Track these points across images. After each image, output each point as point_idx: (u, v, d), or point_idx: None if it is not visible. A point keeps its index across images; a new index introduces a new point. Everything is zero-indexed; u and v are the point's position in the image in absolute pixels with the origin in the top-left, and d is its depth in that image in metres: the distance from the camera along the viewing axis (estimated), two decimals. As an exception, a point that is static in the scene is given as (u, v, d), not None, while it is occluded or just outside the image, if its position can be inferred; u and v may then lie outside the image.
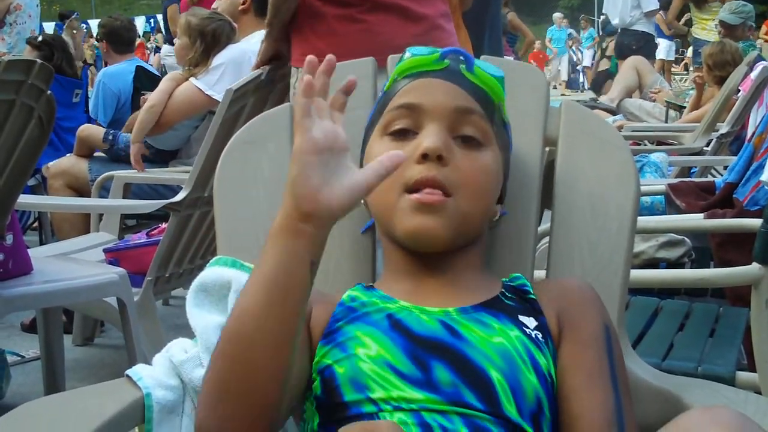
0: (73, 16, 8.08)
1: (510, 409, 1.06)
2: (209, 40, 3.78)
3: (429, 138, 1.17)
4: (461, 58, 1.25)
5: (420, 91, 1.22)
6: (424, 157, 1.16)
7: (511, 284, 1.23)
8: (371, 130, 1.28)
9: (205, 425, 1.01)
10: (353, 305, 1.18)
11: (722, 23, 6.84)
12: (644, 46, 8.15)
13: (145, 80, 4.69)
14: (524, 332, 1.13)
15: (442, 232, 1.16)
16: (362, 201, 1.27)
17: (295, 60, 2.40)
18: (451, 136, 1.19)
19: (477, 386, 1.06)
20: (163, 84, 3.87)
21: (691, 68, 10.56)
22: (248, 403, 0.99)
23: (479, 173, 1.20)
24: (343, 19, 2.28)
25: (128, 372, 1.21)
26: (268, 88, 2.80)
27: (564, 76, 22.25)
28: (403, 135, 1.21)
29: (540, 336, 1.14)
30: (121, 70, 4.79)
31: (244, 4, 3.92)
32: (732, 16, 6.47)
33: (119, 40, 4.98)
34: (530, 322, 1.16)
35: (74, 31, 8.12)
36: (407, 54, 1.28)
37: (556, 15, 23.24)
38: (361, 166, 1.27)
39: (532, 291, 1.21)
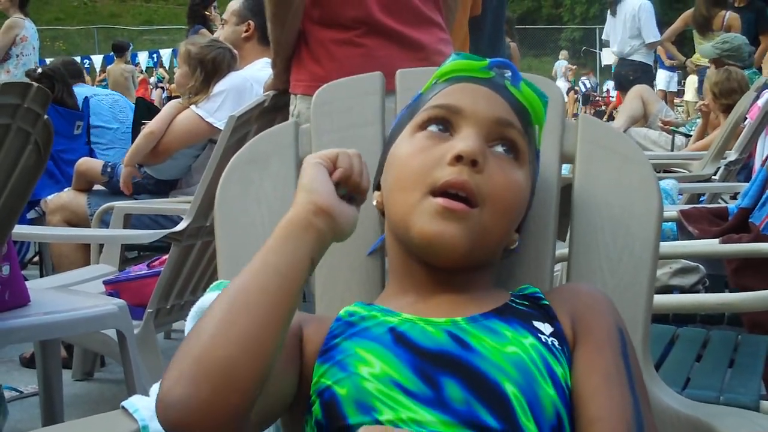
0: (129, 48, 8.08)
1: (528, 426, 0.98)
2: (209, 68, 3.74)
3: (466, 140, 1.10)
4: (508, 71, 1.20)
5: (462, 95, 1.16)
6: (458, 159, 1.09)
7: (522, 293, 1.17)
8: (398, 132, 1.20)
9: (172, 393, 0.88)
10: (351, 320, 1.10)
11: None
12: (641, 76, 8.09)
13: (145, 112, 4.67)
14: (539, 339, 1.06)
15: (461, 243, 1.08)
16: (375, 201, 1.21)
17: (294, 86, 2.37)
18: (487, 146, 1.13)
19: (492, 403, 0.99)
20: (164, 111, 3.82)
21: (686, 99, 10.51)
22: (228, 374, 0.89)
23: (511, 188, 1.12)
24: (342, 43, 2.26)
25: (124, 403, 1.15)
26: (271, 114, 2.76)
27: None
28: (437, 134, 1.14)
29: (556, 343, 1.07)
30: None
31: (247, 31, 3.91)
32: (710, 48, 6.36)
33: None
34: (545, 328, 1.09)
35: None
36: (452, 56, 1.22)
37: None
38: (380, 174, 1.21)
39: (544, 297, 1.15)
